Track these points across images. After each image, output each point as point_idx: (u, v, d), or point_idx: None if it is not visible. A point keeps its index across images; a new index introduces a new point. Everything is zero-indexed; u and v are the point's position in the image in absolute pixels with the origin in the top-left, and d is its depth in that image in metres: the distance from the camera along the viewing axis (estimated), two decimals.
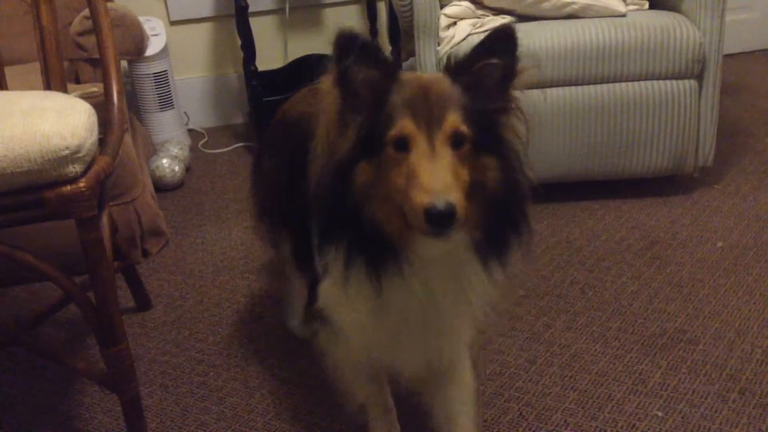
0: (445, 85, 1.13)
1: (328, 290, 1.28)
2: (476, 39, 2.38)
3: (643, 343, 1.80)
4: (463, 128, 1.09)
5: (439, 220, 1.01)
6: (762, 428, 1.50)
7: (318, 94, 1.40)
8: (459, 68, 1.14)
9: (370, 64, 1.11)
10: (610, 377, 1.69)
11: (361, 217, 1.13)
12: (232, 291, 2.19)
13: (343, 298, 1.23)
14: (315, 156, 1.19)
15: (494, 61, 1.13)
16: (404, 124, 1.08)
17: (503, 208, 1.15)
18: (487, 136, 1.13)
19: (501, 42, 1.13)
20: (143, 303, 2.11)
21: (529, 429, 1.55)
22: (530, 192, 1.19)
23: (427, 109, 1.09)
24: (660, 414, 1.57)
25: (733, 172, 2.71)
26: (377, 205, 1.12)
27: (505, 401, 1.63)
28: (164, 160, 2.93)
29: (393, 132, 1.09)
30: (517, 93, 1.16)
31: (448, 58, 1.19)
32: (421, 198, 1.02)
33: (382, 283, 1.15)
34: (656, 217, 2.44)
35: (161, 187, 2.88)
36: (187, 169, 3.07)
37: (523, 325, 1.91)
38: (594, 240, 2.32)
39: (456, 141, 1.09)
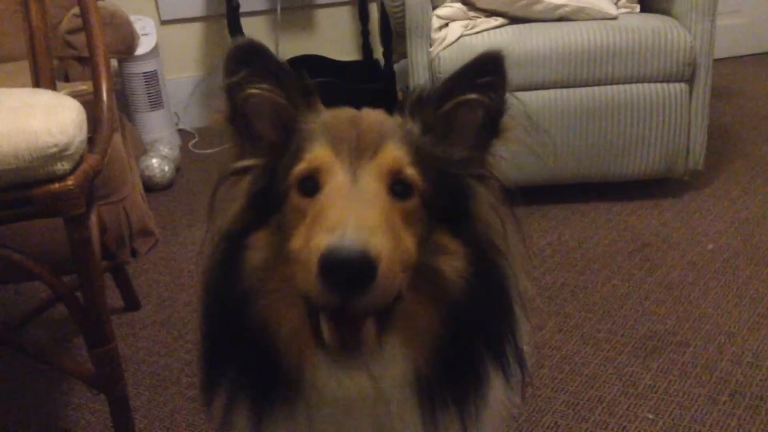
0: (392, 120, 0.79)
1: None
2: (469, 41, 2.40)
3: (633, 346, 1.80)
4: (410, 171, 0.73)
5: (342, 272, 0.59)
6: (752, 431, 1.50)
7: None
8: (422, 102, 0.80)
9: (272, 82, 0.77)
10: (601, 379, 1.69)
11: (248, 318, 0.74)
12: None
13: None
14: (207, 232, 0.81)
15: (472, 96, 0.79)
16: (317, 153, 0.71)
17: (471, 324, 0.74)
18: (450, 203, 0.76)
19: (484, 70, 0.79)
20: (132, 303, 2.09)
21: (519, 431, 1.54)
22: (519, 306, 0.79)
23: (356, 134, 0.73)
24: (650, 416, 1.56)
25: (723, 176, 2.72)
26: (270, 299, 0.73)
27: None
28: (154, 160, 2.91)
29: (300, 167, 0.72)
30: (494, 158, 0.81)
31: (406, 91, 0.85)
32: (319, 240, 0.62)
33: (262, 428, 0.76)
34: (647, 219, 2.44)
35: (151, 187, 2.87)
36: (177, 169, 3.05)
37: None
38: (585, 242, 2.32)
39: (396, 185, 0.72)
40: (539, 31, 2.41)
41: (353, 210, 0.64)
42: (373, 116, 0.78)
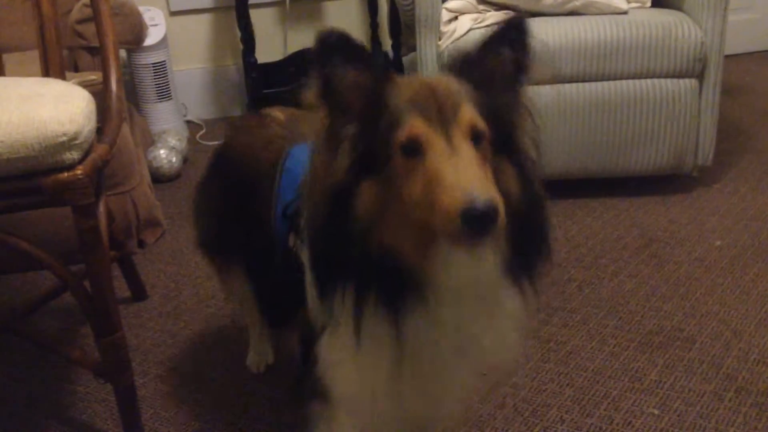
0: (452, 82, 1.00)
1: (332, 347, 1.08)
2: (477, 34, 2.39)
3: (639, 341, 1.80)
4: (481, 124, 0.95)
5: (480, 222, 0.84)
6: (758, 427, 1.50)
7: (265, 121, 1.43)
8: (466, 64, 1.02)
9: (360, 65, 0.97)
10: (607, 374, 1.69)
11: (370, 248, 0.96)
12: None
13: (352, 353, 1.03)
14: (307, 186, 1.03)
15: (505, 53, 1.02)
16: (413, 124, 0.93)
17: (527, 224, 1.01)
18: (502, 139, 0.99)
19: (513, 34, 1.03)
20: (139, 293, 2.10)
21: (525, 425, 1.54)
22: (547, 204, 1.06)
23: (437, 104, 0.95)
24: (656, 412, 1.56)
25: (732, 172, 2.71)
26: (389, 228, 0.95)
27: (501, 396, 1.63)
28: (162, 151, 2.91)
29: (401, 135, 0.94)
30: (528, 92, 1.04)
31: (452, 54, 1.05)
32: (455, 198, 0.85)
33: (403, 321, 0.98)
34: (654, 215, 2.44)
35: (158, 178, 2.87)
36: (185, 161, 3.06)
37: None
38: (592, 237, 2.31)
39: (475, 136, 0.95)
40: (549, 25, 2.40)
41: (467, 170, 0.88)
42: (442, 84, 0.98)
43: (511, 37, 1.03)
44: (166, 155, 2.91)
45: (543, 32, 2.38)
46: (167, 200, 2.73)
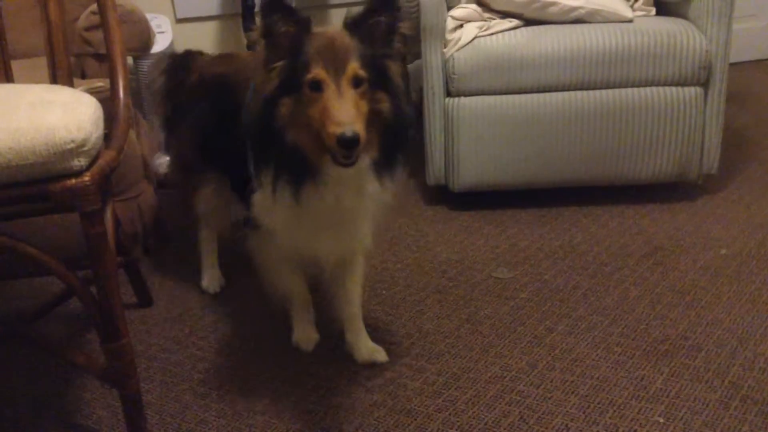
0: (346, 38, 1.44)
1: (261, 200, 1.60)
2: (483, 42, 2.40)
3: (645, 349, 1.80)
4: (361, 72, 1.41)
5: (348, 144, 1.33)
6: None
7: (230, 58, 2.02)
8: (354, 24, 1.46)
9: (289, 20, 1.43)
10: (612, 382, 1.68)
11: (284, 141, 1.44)
12: (234, 289, 2.19)
13: (272, 206, 1.55)
14: (250, 97, 1.51)
15: (381, 18, 1.45)
16: (317, 71, 1.40)
17: (393, 132, 1.48)
18: (378, 76, 1.45)
19: (386, 4, 1.46)
20: (144, 299, 2.11)
21: None
22: (413, 120, 1.55)
23: (333, 57, 1.40)
24: (661, 420, 1.56)
25: (737, 180, 2.71)
26: (297, 132, 1.43)
27: (506, 404, 1.63)
28: (168, 158, 2.92)
29: (309, 76, 1.40)
30: (398, 44, 1.49)
31: (347, 17, 1.48)
32: (334, 128, 1.34)
33: (301, 195, 1.48)
34: (660, 223, 2.44)
35: (164, 185, 2.87)
36: None
37: (525, 329, 1.91)
38: (597, 245, 2.31)
39: (356, 82, 1.40)
40: (554, 33, 2.41)
41: (344, 110, 1.36)
42: (339, 40, 1.44)
43: (384, 6, 1.45)
44: None
45: (548, 40, 2.39)
46: (173, 207, 2.74)
